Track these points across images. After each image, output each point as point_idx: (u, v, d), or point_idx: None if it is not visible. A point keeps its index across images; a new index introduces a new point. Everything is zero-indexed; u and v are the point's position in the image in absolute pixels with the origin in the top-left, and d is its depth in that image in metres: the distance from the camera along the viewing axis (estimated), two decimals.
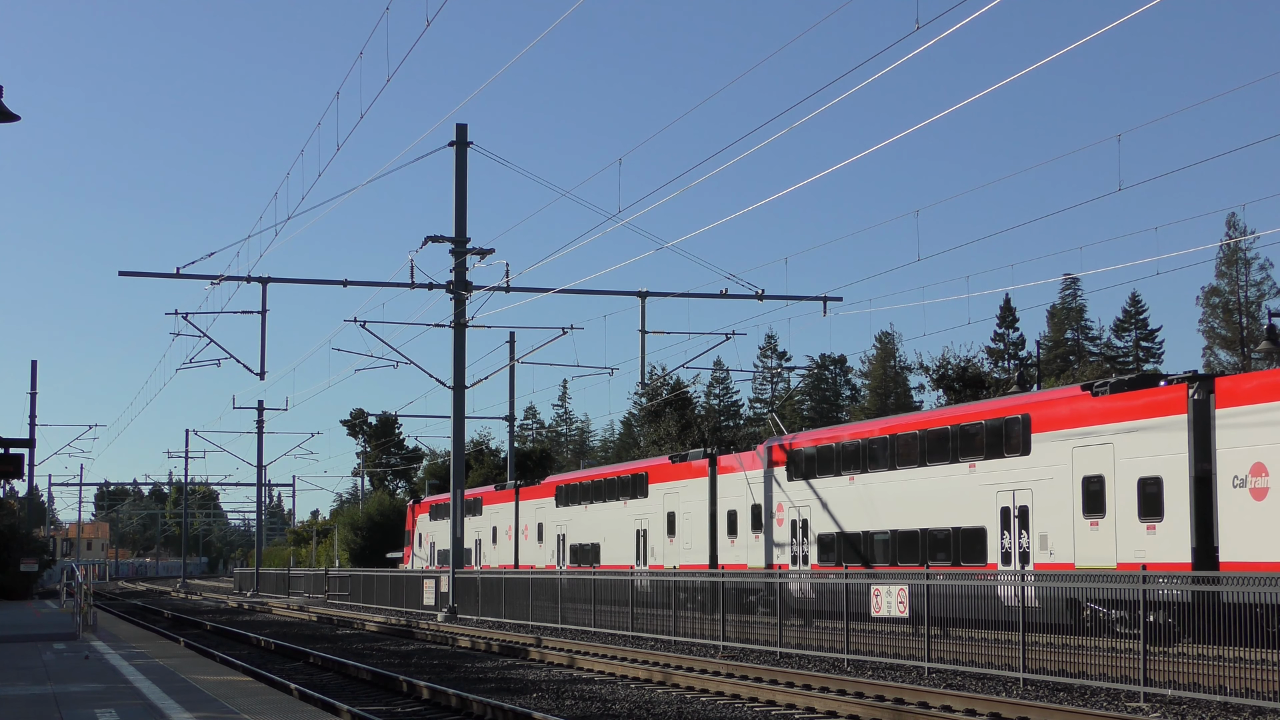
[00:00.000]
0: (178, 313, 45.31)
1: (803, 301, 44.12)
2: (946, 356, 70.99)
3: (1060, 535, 30.41)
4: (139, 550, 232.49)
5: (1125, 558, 28.44)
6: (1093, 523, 29.56)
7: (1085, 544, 29.63)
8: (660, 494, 48.44)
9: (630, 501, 50.59)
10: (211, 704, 18.42)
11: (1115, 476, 29.19)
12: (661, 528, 48.20)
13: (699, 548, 45.65)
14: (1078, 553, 29.84)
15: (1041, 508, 31.12)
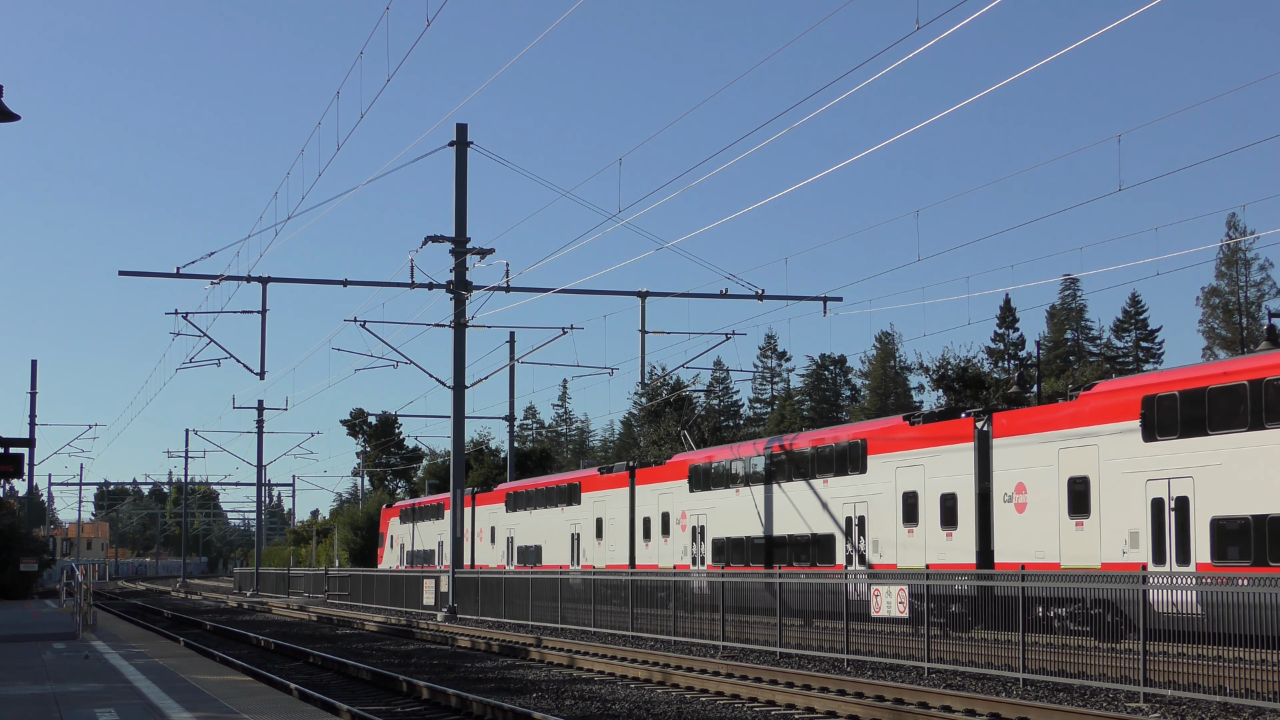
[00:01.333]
0: (178, 312, 45.34)
1: (803, 301, 44.15)
2: (946, 357, 71.03)
3: (887, 541, 36.30)
4: (139, 550, 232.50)
5: (932, 559, 33.94)
6: (909, 531, 35.46)
7: (904, 549, 35.51)
8: (591, 502, 54.12)
9: (566, 508, 56.07)
10: (211, 704, 18.41)
11: (925, 492, 35.25)
12: (592, 532, 53.97)
13: (621, 550, 51.14)
14: (900, 556, 35.73)
15: (874, 518, 37.00)
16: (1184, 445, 27.99)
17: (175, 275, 42.10)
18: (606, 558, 51.84)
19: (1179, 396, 28.24)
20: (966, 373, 68.63)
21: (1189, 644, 21.40)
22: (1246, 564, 26.11)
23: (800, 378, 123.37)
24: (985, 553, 32.89)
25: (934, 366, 71.03)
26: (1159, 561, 28.20)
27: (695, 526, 46.00)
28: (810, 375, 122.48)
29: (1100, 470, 29.80)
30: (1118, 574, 25.82)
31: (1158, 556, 28.29)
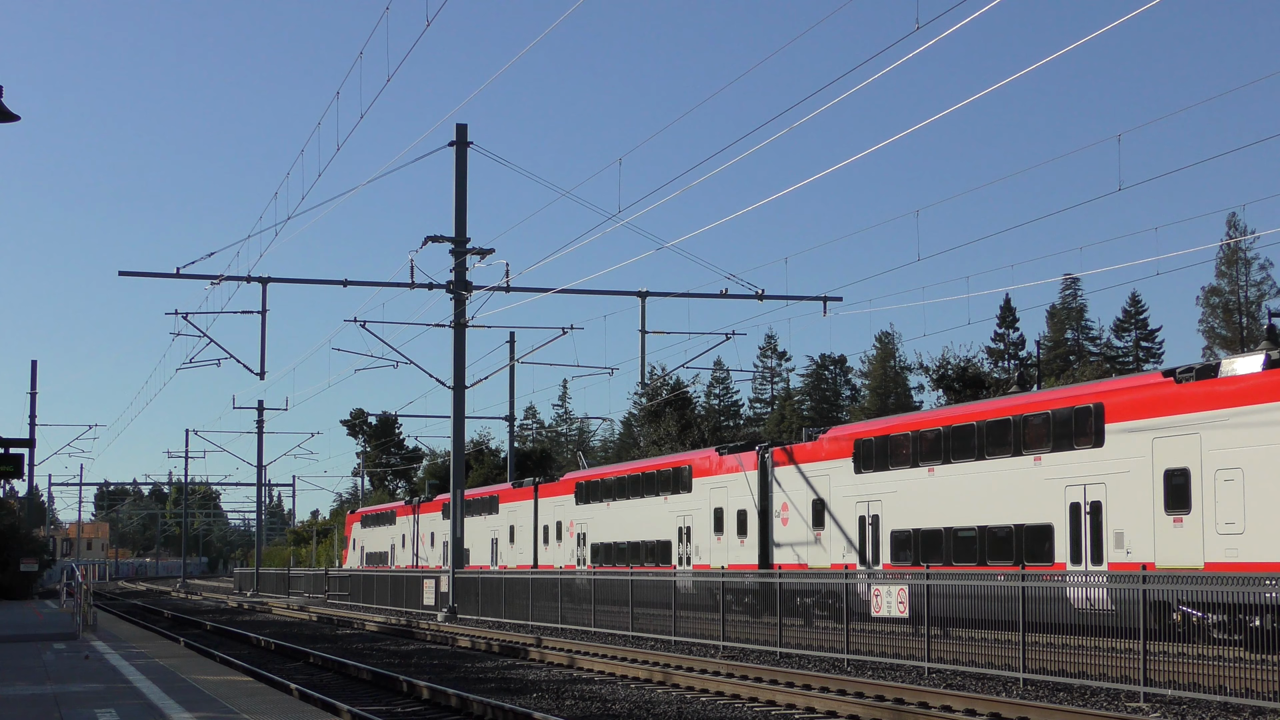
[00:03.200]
0: (178, 313, 45.34)
1: (803, 301, 44.14)
2: (946, 357, 71.13)
3: (704, 546, 45.40)
4: (139, 550, 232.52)
5: (731, 561, 43.07)
6: (718, 538, 44.72)
7: (714, 552, 44.53)
8: (506, 511, 62.39)
9: (488, 516, 64.11)
10: (212, 704, 18.41)
11: (728, 508, 44.11)
12: (506, 537, 62.25)
13: (527, 552, 59.63)
14: (712, 558, 44.62)
15: (696, 528, 46.09)
16: (877, 477, 36.94)
17: (175, 275, 42.09)
18: (517, 559, 60.26)
19: (874, 441, 37.34)
20: (966, 372, 68.69)
21: (1189, 644, 21.39)
22: (908, 563, 34.65)
23: (800, 378, 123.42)
24: (766, 558, 41.76)
25: (934, 366, 71.11)
26: (864, 562, 36.87)
27: (580, 533, 54.78)
28: (810, 375, 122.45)
29: (831, 494, 38.97)
30: (840, 571, 33.21)
31: (862, 559, 37.00)
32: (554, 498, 57.43)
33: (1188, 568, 26.98)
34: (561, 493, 56.82)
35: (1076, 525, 30.22)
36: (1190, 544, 27.51)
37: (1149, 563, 27.76)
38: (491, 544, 63.31)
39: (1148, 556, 28.24)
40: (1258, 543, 26.14)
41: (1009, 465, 32.21)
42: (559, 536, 56.38)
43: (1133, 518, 28.86)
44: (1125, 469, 29.11)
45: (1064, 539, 30.44)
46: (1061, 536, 30.51)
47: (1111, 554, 29.24)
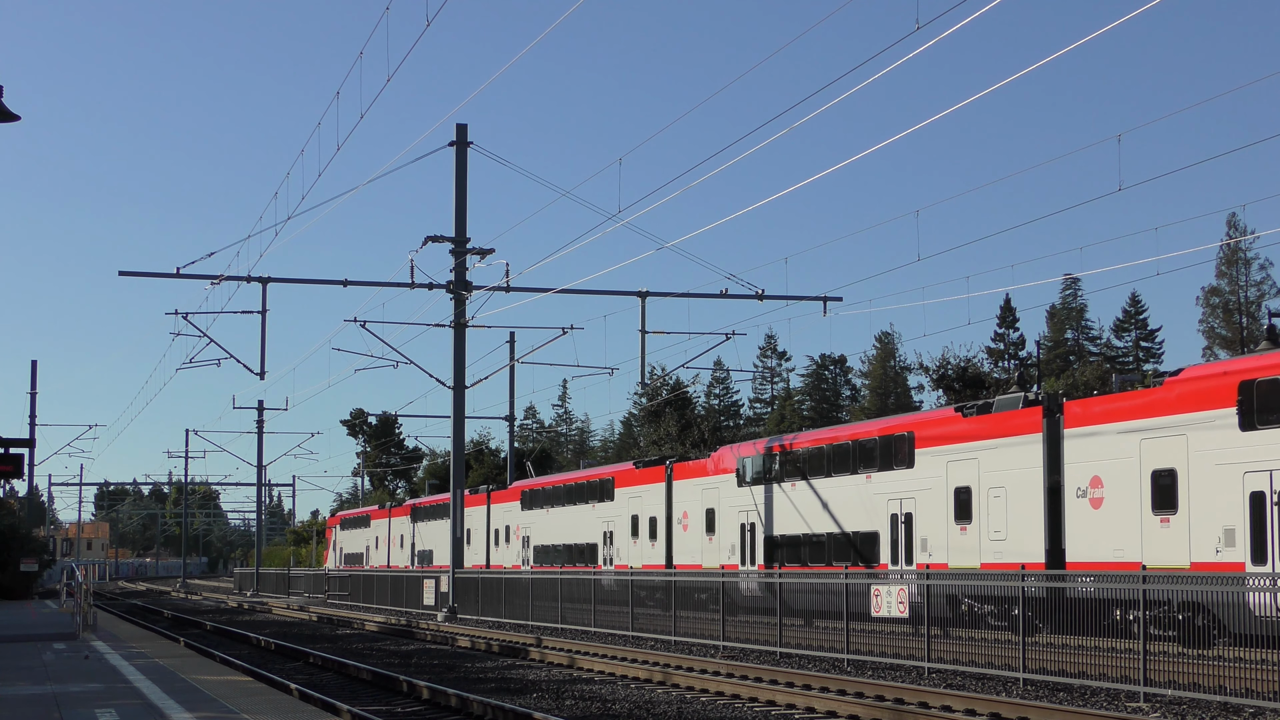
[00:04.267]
0: (178, 313, 45.36)
1: (803, 301, 44.17)
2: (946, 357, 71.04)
3: (625, 550, 51.15)
4: (139, 550, 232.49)
5: (646, 561, 49.27)
6: (634, 542, 50.44)
7: (632, 555, 50.47)
8: (475, 516, 67.03)
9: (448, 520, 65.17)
10: (212, 704, 18.41)
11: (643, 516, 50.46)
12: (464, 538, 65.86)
13: (482, 553, 65.93)
14: (629, 559, 50.75)
15: (618, 533, 52.07)
16: (754, 490, 43.04)
17: (175, 275, 42.11)
18: (473, 559, 65.62)
19: (749, 460, 43.88)
20: (966, 372, 68.67)
21: (1189, 644, 21.40)
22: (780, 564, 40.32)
23: (800, 378, 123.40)
24: (670, 557, 48.00)
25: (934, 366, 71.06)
26: (744, 563, 43.02)
27: (524, 536, 61.17)
28: (810, 375, 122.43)
29: (719, 505, 44.95)
30: (729, 571, 40.77)
31: (743, 560, 43.05)
32: (504, 504, 63.84)
33: (969, 568, 32.57)
34: (510, 500, 63.17)
35: (894, 532, 35.98)
36: (971, 548, 33.09)
37: (943, 563, 33.69)
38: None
39: (943, 559, 33.98)
40: (1015, 546, 31.75)
41: (849, 482, 38.22)
42: (507, 539, 62.80)
43: (934, 526, 34.54)
44: (928, 486, 34.76)
45: (887, 543, 36.28)
46: (885, 541, 36.39)
47: (918, 556, 34.82)
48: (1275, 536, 25.68)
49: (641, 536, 50.36)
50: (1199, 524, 27.21)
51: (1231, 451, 26.69)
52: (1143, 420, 28.88)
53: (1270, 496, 25.90)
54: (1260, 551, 25.85)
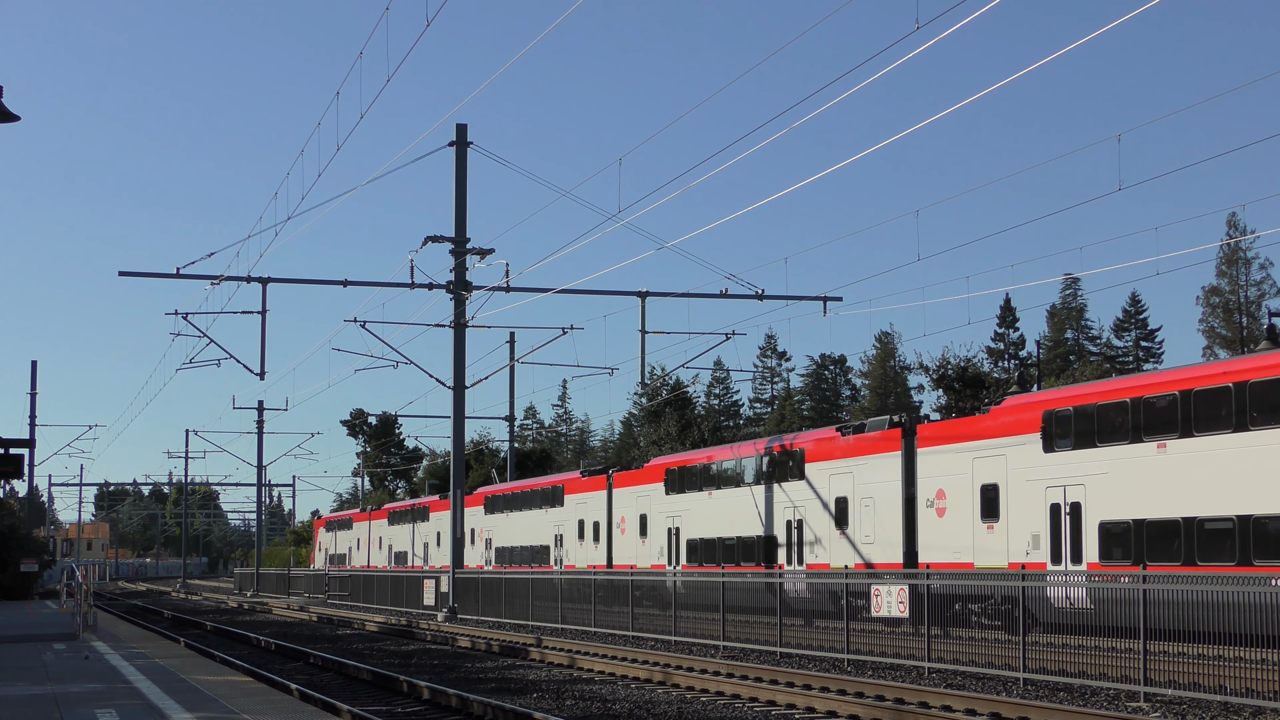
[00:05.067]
0: (178, 313, 45.35)
1: (803, 301, 44.18)
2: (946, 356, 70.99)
3: (573, 552, 56.23)
4: (139, 550, 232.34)
5: (589, 562, 53.87)
6: (580, 544, 55.62)
7: (580, 556, 55.28)
8: (435, 519, 72.55)
9: (420, 524, 76.55)
10: (212, 704, 18.41)
11: (587, 520, 55.14)
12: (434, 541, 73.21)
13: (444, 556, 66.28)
14: (577, 560, 55.07)
15: (568, 536, 56.87)
16: (680, 498, 48.07)
17: (175, 276, 42.10)
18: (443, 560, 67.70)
19: (677, 470, 48.59)
20: (966, 372, 68.66)
21: (1189, 643, 21.40)
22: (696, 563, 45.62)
23: (800, 377, 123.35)
24: (609, 558, 52.50)
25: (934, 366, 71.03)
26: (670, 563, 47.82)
27: (487, 539, 66.41)
28: (810, 375, 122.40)
29: (650, 510, 49.99)
30: (660, 571, 45.16)
31: (669, 560, 48.06)
32: (470, 509, 66.16)
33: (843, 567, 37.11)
34: (475, 505, 66.85)
35: (789, 535, 41.23)
36: (849, 550, 38.44)
37: (826, 563, 39.12)
38: (424, 547, 75.23)
39: (826, 559, 39.23)
40: (881, 549, 37.04)
41: (754, 492, 43.35)
42: (473, 541, 66.79)
43: (820, 530, 39.79)
44: (814, 496, 39.99)
45: (784, 545, 41.41)
46: (782, 543, 41.50)
47: (808, 557, 40.17)
48: (1068, 541, 30.78)
49: (587, 539, 55.19)
50: (1015, 530, 32.30)
51: (1037, 470, 31.85)
52: (974, 442, 33.94)
53: (1064, 507, 31.04)
54: (1057, 553, 30.85)
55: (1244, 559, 26.76)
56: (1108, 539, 29.89)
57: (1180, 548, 28.26)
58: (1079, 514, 30.73)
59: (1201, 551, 27.80)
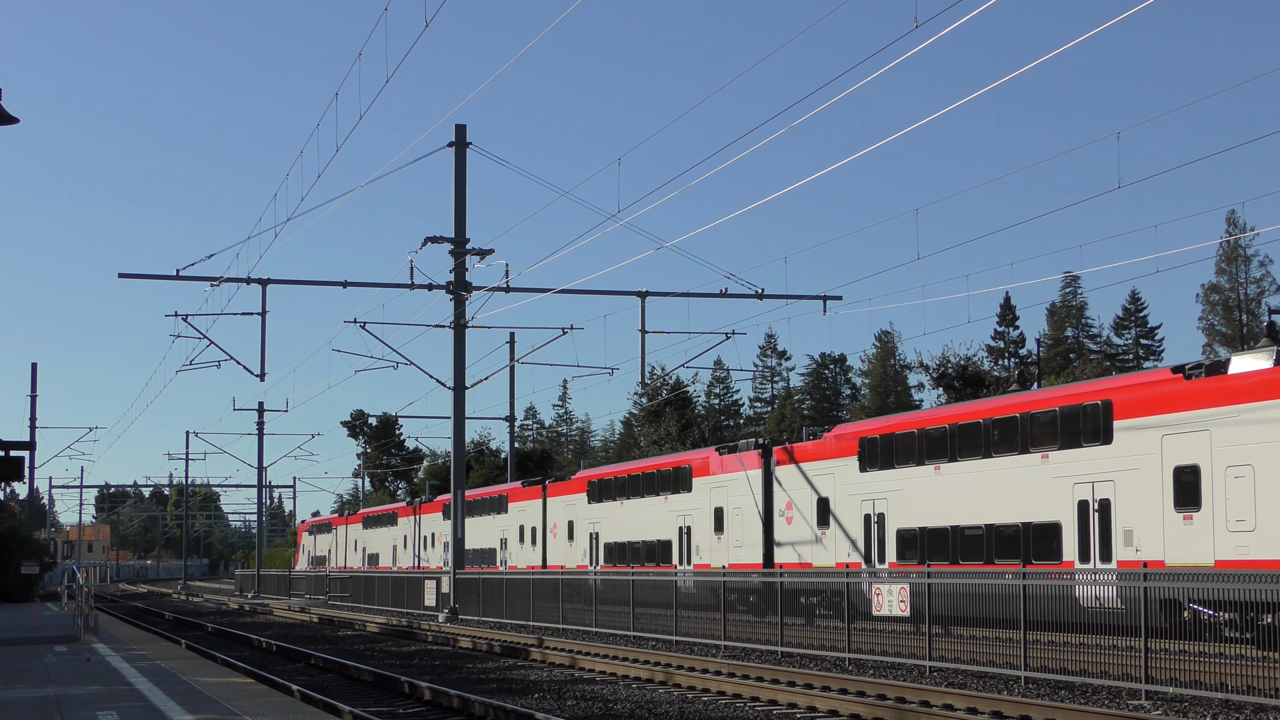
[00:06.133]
0: (178, 315, 45.40)
1: (803, 301, 44.15)
2: (946, 355, 71.12)
3: (516, 553, 62.25)
4: (140, 552, 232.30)
5: (531, 563, 59.61)
6: (520, 547, 61.86)
7: (523, 557, 61.40)
8: (402, 524, 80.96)
9: (389, 528, 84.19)
10: (213, 706, 18.41)
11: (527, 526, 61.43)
12: (402, 544, 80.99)
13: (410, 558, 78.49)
14: (521, 560, 60.90)
15: (511, 539, 63.06)
16: (600, 506, 53.85)
17: (175, 277, 42.09)
18: (409, 561, 78.18)
19: (597, 483, 54.81)
20: (966, 371, 68.70)
21: (1189, 641, 21.40)
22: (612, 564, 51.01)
23: (800, 377, 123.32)
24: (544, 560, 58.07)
25: (934, 365, 71.09)
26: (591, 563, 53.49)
27: (444, 542, 69.41)
28: (810, 374, 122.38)
29: (576, 519, 56.04)
30: (583, 571, 48.96)
31: (591, 561, 53.92)
32: (431, 515, 74.90)
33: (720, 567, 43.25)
34: (435, 511, 73.98)
35: (680, 540, 47.70)
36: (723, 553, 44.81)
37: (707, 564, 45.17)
38: (393, 549, 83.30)
39: (707, 560, 45.43)
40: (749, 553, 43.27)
41: (655, 501, 49.78)
42: (434, 544, 73.89)
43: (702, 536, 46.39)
44: (699, 507, 46.66)
45: (677, 549, 47.74)
46: (676, 547, 47.86)
47: (693, 558, 46.41)
48: (876, 545, 37.45)
49: (526, 543, 61.22)
50: (841, 536, 39.03)
51: (855, 487, 38.55)
52: (814, 462, 40.77)
53: (873, 517, 37.82)
54: (868, 555, 37.65)
55: (989, 558, 33.16)
56: (902, 543, 36.55)
57: (950, 549, 34.70)
58: (884, 523, 37.35)
59: (963, 553, 34.18)
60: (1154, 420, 29.22)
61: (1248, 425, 27.10)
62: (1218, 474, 27.58)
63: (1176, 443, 28.57)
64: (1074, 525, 31.03)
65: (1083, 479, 30.88)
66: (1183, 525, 28.30)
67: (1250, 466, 26.96)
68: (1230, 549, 27.13)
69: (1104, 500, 30.41)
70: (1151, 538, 28.95)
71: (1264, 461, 26.69)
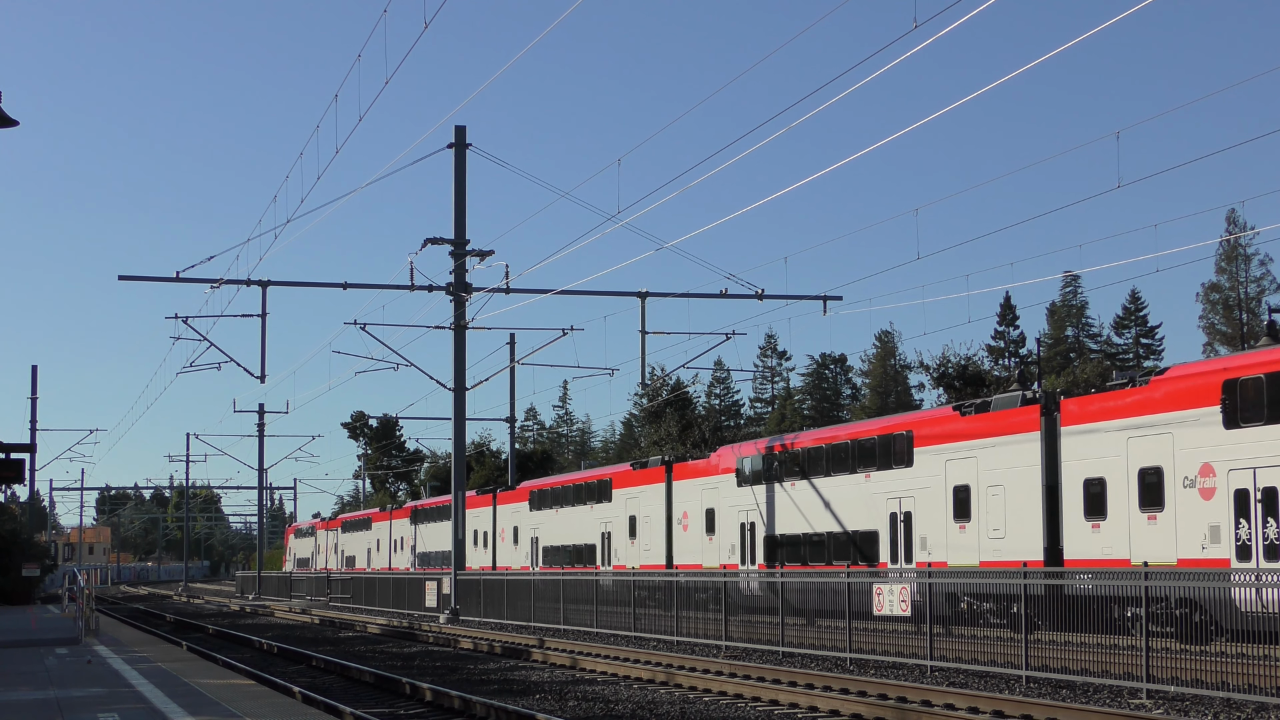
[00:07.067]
0: (178, 316, 45.40)
1: (803, 301, 44.17)
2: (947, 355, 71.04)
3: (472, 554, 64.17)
4: (141, 554, 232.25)
5: (483, 563, 65.59)
6: (475, 549, 66.53)
7: (478, 559, 66.19)
8: (376, 529, 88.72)
9: (364, 532, 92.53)
10: (214, 707, 18.41)
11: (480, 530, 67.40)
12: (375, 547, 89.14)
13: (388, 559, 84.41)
14: (474, 563, 63.92)
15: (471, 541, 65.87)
16: (540, 513, 60.34)
17: (175, 280, 42.07)
18: (382, 563, 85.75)
19: (537, 492, 61.18)
20: (967, 370, 68.70)
21: (1189, 640, 21.42)
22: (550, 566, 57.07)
23: (801, 377, 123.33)
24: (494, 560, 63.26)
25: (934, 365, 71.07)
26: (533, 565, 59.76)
27: (411, 545, 79.32)
28: (811, 374, 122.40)
29: (520, 525, 62.58)
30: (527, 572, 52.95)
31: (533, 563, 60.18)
32: (400, 520, 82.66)
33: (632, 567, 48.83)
34: (403, 517, 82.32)
35: (603, 544, 53.94)
36: (637, 555, 51.10)
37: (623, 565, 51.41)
38: (368, 552, 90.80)
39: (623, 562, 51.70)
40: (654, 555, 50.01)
41: (583, 509, 56.02)
42: (402, 547, 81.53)
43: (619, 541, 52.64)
44: (617, 515, 53.07)
45: (600, 550, 54.17)
46: (600, 549, 54.22)
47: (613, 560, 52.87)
48: (749, 549, 43.81)
49: (479, 546, 67.40)
50: (723, 541, 45.49)
51: (734, 499, 44.96)
52: (702, 478, 47.46)
53: (745, 526, 44.19)
54: (744, 558, 44.01)
55: (829, 560, 38.98)
56: (768, 547, 42.76)
57: (802, 553, 40.84)
58: (754, 530, 43.63)
59: (811, 556, 40.36)
60: (941, 448, 35.26)
61: (1000, 453, 33.20)
62: (981, 492, 33.71)
63: (954, 466, 34.68)
64: (887, 532, 37.16)
65: (893, 495, 37.02)
66: (959, 533, 34.38)
67: (1002, 486, 33.06)
68: (990, 552, 33.09)
69: (908, 512, 36.48)
70: (939, 543, 34.94)
71: (1011, 482, 32.77)
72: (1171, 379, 28.91)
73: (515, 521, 62.95)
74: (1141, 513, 28.89)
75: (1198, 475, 27.77)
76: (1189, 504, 27.81)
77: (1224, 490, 27.09)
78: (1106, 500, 29.85)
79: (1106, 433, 30.02)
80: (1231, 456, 27.04)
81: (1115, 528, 29.56)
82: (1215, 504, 27.25)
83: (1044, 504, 31.67)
